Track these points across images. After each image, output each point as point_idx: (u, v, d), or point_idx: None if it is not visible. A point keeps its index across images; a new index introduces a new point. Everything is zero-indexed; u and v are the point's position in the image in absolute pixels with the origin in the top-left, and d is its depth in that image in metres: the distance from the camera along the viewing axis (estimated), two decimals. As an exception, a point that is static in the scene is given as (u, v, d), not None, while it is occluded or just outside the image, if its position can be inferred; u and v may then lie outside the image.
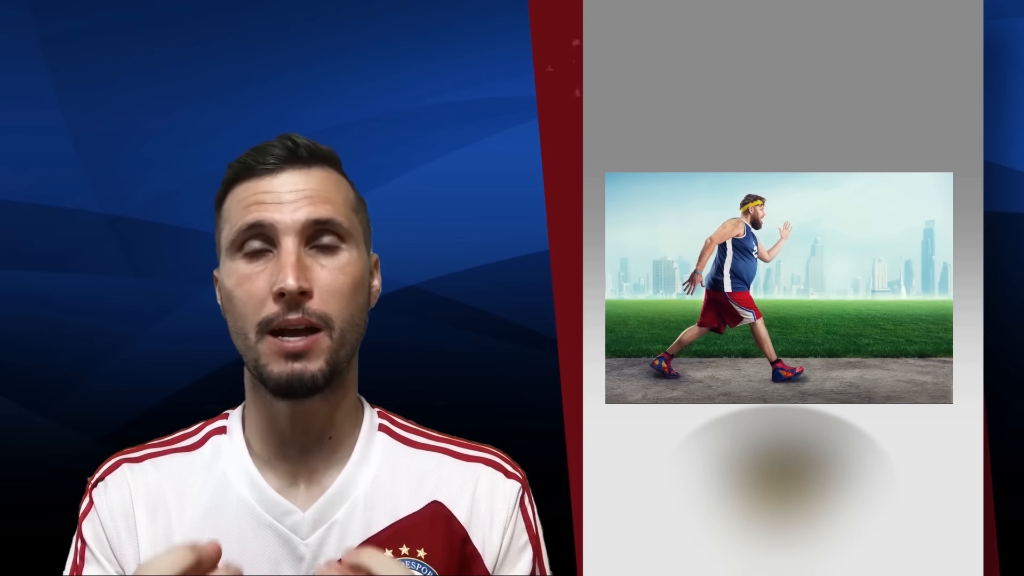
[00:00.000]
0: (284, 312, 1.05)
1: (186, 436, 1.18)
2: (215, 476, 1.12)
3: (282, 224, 1.07)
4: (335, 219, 1.10)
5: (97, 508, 1.13)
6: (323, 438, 1.12)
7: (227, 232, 1.11)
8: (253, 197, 1.09)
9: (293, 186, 1.09)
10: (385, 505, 1.12)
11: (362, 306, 1.12)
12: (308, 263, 1.07)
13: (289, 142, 1.11)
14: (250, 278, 1.08)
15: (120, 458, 1.16)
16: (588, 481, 1.45)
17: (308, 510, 1.10)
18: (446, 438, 1.20)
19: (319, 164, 1.12)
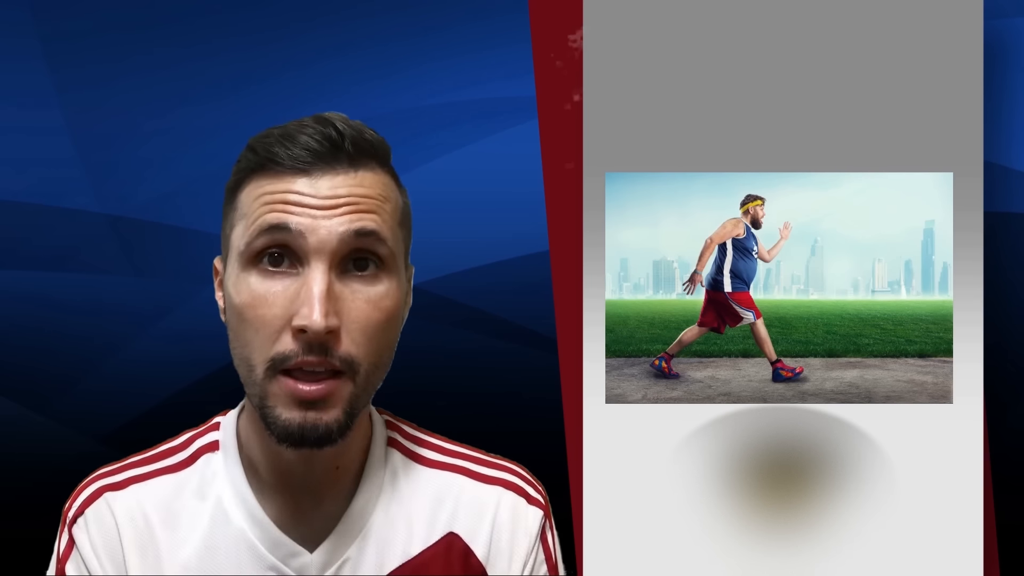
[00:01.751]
0: (303, 352, 0.88)
1: (172, 452, 1.01)
2: (209, 506, 0.97)
3: (313, 238, 0.87)
4: (380, 233, 0.90)
5: (80, 549, 0.96)
6: (329, 469, 0.97)
7: (241, 232, 0.91)
8: (280, 196, 0.89)
9: (332, 192, 0.88)
10: (398, 538, 0.99)
11: (393, 343, 0.95)
12: (338, 291, 0.88)
13: (333, 131, 0.89)
14: (266, 300, 0.88)
15: (99, 485, 0.99)
16: (588, 481, 1.45)
17: (316, 551, 0.96)
18: (462, 452, 1.06)
19: (368, 163, 0.91)
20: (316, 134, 0.89)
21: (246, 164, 0.93)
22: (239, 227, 0.92)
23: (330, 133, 0.89)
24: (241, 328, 0.90)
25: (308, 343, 0.87)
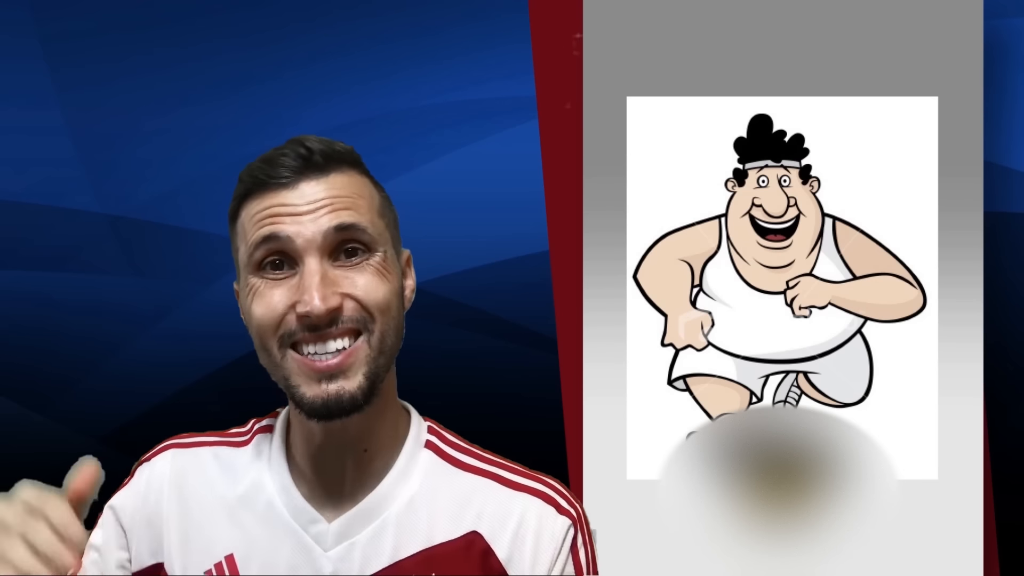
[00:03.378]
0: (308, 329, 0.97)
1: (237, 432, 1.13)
2: (251, 473, 1.07)
3: (301, 238, 0.99)
4: (359, 224, 1.01)
5: (135, 481, 1.09)
6: (358, 450, 1.04)
7: (244, 249, 1.02)
8: (268, 211, 1.00)
9: (311, 196, 1.00)
10: (418, 528, 1.03)
11: (398, 313, 1.03)
12: (334, 276, 0.99)
13: (302, 148, 1.02)
14: (268, 291, 0.99)
15: (170, 443, 1.12)
16: (588, 481, 1.45)
17: (334, 523, 1.03)
18: (500, 462, 1.09)
19: (337, 167, 1.03)
20: (290, 154, 1.02)
21: (239, 192, 1.05)
22: (242, 247, 1.03)
23: (301, 151, 1.02)
24: (252, 321, 1.01)
25: (315, 326, 0.97)
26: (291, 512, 1.04)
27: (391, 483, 1.05)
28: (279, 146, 1.04)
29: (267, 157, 1.03)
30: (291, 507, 1.04)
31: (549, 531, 1.04)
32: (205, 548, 1.05)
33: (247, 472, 1.08)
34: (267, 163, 1.02)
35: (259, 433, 1.11)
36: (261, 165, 1.02)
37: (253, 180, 1.02)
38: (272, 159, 1.02)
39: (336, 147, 1.05)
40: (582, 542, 1.07)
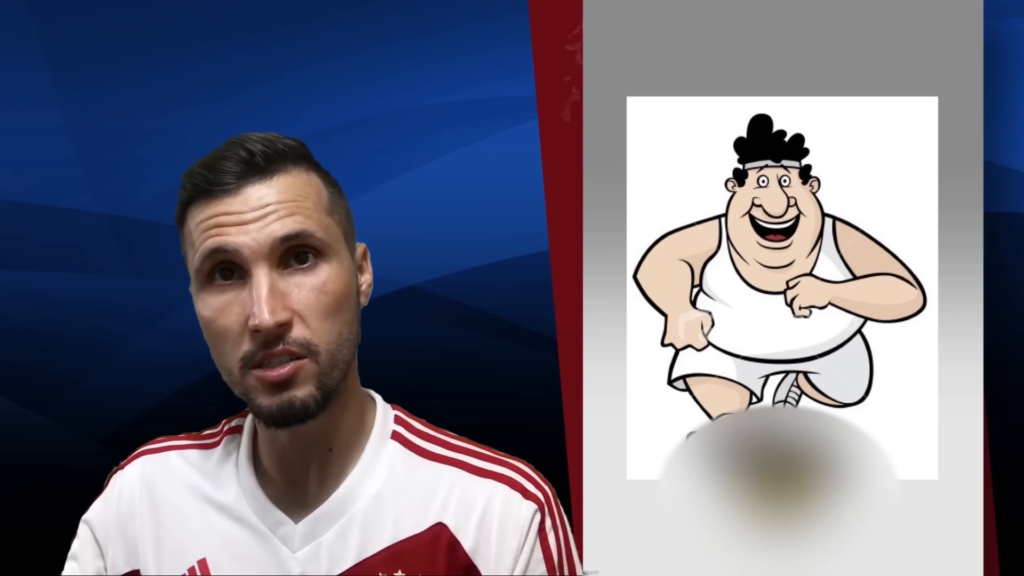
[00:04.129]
0: (262, 347, 0.97)
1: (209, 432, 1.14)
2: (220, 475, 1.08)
3: (248, 248, 0.97)
4: (307, 230, 0.99)
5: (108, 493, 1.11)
6: (323, 450, 1.04)
7: (192, 258, 1.02)
8: (213, 220, 0.99)
9: (256, 202, 0.98)
10: (384, 524, 1.03)
11: (350, 320, 1.02)
12: (283, 288, 0.98)
13: (243, 151, 1.00)
14: (224, 312, 0.99)
15: (142, 449, 1.14)
16: (588, 481, 1.45)
17: (299, 523, 1.03)
18: (468, 448, 1.09)
19: (281, 168, 1.01)
20: (232, 157, 1.00)
21: (182, 197, 1.04)
22: (190, 255, 1.04)
23: (242, 153, 1.00)
24: (212, 341, 1.01)
25: (265, 340, 0.97)
26: (258, 514, 1.05)
27: (355, 480, 1.05)
28: (220, 147, 1.02)
29: (207, 162, 1.02)
30: (258, 509, 1.05)
31: (514, 518, 1.03)
32: (178, 552, 1.06)
33: (216, 475, 1.08)
34: (208, 169, 1.01)
35: (229, 434, 1.11)
36: (202, 171, 1.01)
37: (195, 187, 1.01)
38: (213, 164, 1.01)
39: (279, 145, 1.02)
40: (551, 525, 1.05)
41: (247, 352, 0.98)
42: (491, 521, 1.03)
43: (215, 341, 1.00)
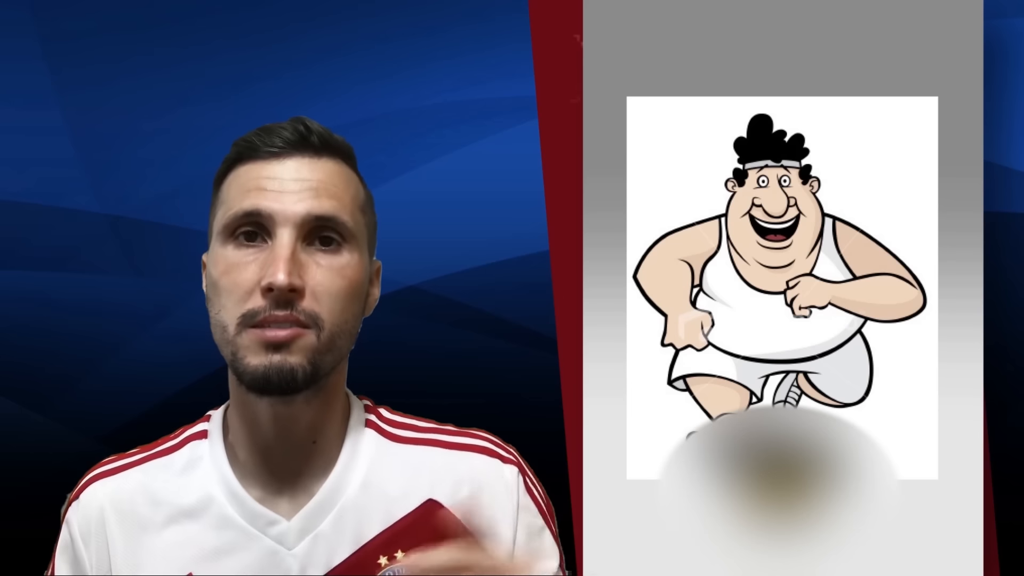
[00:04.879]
0: (271, 307, 0.97)
1: (164, 442, 1.10)
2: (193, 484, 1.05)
3: (280, 214, 0.99)
4: (339, 217, 1.01)
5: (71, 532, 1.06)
6: (306, 442, 1.04)
7: (221, 215, 1.02)
8: (254, 182, 1.01)
9: (298, 174, 1.01)
10: (376, 510, 1.04)
11: (356, 314, 1.04)
12: (303, 260, 0.99)
13: (301, 126, 1.04)
14: (238, 267, 0.99)
15: (93, 474, 1.09)
16: (588, 481, 1.45)
17: (293, 519, 1.02)
18: (435, 427, 1.12)
19: (330, 155, 1.04)
20: (289, 128, 1.04)
21: (230, 156, 1.05)
22: (219, 211, 1.03)
23: (300, 128, 1.04)
24: (216, 295, 1.01)
25: (275, 300, 0.97)
26: (247, 518, 1.03)
27: (343, 469, 1.05)
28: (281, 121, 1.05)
29: (265, 127, 1.04)
30: (246, 513, 1.03)
31: (502, 482, 1.08)
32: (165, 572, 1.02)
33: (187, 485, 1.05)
34: (264, 132, 1.03)
35: (192, 441, 1.08)
36: (258, 133, 1.04)
37: (247, 144, 1.03)
38: (270, 129, 1.04)
39: (336, 137, 1.06)
40: (532, 481, 1.11)
41: (251, 309, 0.98)
42: (480, 489, 1.06)
43: (220, 295, 1.00)
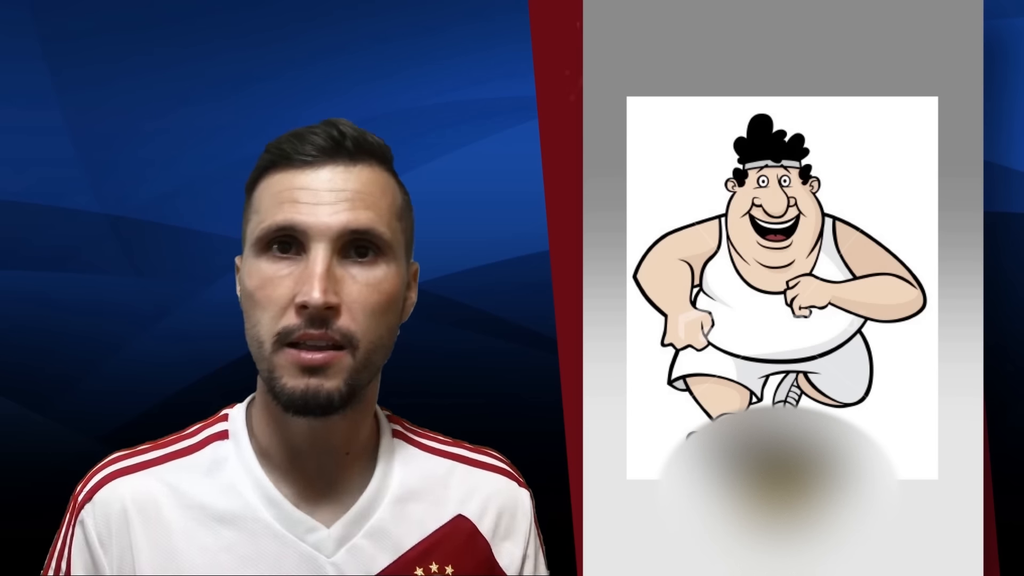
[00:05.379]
0: (305, 325, 0.95)
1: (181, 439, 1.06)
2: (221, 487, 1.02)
3: (315, 228, 0.96)
4: (376, 229, 0.98)
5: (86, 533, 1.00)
6: (340, 454, 1.04)
7: (254, 225, 1.00)
8: (288, 193, 0.97)
9: (333, 184, 0.97)
10: (412, 521, 1.05)
11: (392, 326, 1.02)
12: (339, 274, 0.97)
13: (335, 131, 1.00)
14: (273, 282, 0.97)
15: (110, 470, 1.03)
16: (588, 481, 1.45)
17: (333, 527, 1.01)
18: (452, 441, 1.14)
19: (366, 160, 1.00)
20: (322, 133, 0.99)
21: (262, 163, 1.02)
22: (253, 221, 1.01)
23: (333, 132, 0.99)
24: (252, 309, 0.99)
25: (310, 317, 0.95)
26: (285, 524, 1.01)
27: (379, 480, 1.05)
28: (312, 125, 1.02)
29: (297, 132, 1.01)
30: (284, 519, 1.01)
31: (522, 506, 1.13)
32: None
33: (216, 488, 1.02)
34: (296, 138, 1.00)
35: (214, 441, 1.05)
36: (290, 139, 1.00)
37: (279, 152, 1.00)
38: (302, 135, 1.00)
39: (369, 138, 1.02)
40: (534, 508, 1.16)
41: (287, 327, 0.96)
42: (503, 510, 1.10)
43: (255, 310, 0.98)
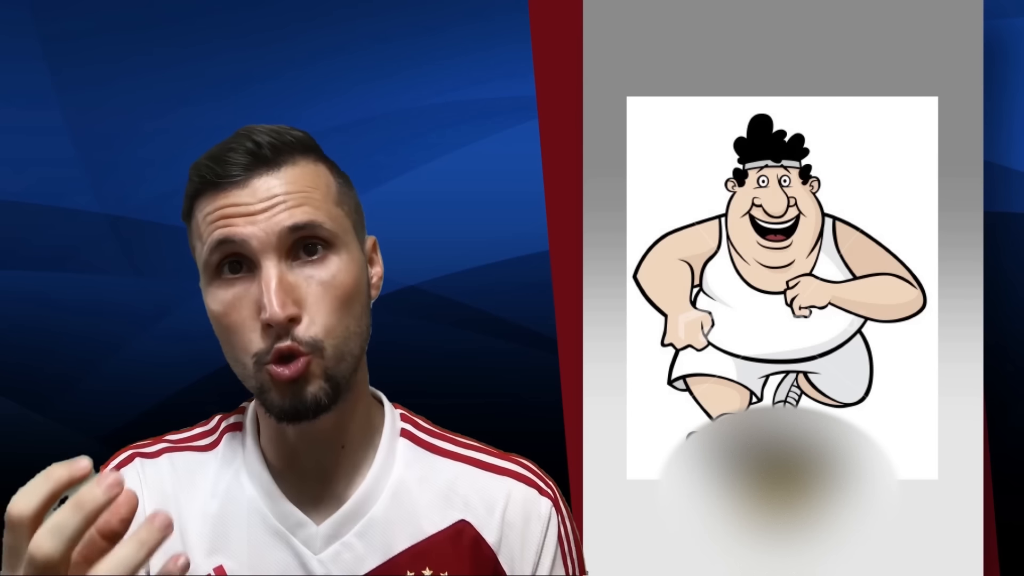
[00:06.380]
0: (274, 341, 0.95)
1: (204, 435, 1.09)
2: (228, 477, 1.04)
3: (256, 239, 0.96)
4: (315, 221, 0.98)
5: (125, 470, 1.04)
6: (335, 447, 1.03)
7: (200, 251, 1.00)
8: (220, 212, 0.98)
9: (264, 193, 0.97)
10: (406, 522, 1.03)
11: (359, 313, 1.01)
12: (293, 281, 0.97)
13: (250, 143, 0.99)
14: (234, 305, 0.97)
15: (133, 451, 1.07)
16: (588, 481, 1.45)
17: (322, 524, 1.02)
18: (474, 445, 1.10)
19: (288, 159, 1.00)
20: (239, 149, 0.99)
21: (189, 191, 1.02)
22: (198, 248, 1.01)
23: (249, 145, 0.99)
24: (223, 335, 1.00)
25: (276, 334, 0.96)
26: (278, 517, 1.02)
27: (375, 477, 1.04)
28: (227, 139, 1.01)
29: (214, 154, 1.00)
30: (277, 512, 1.02)
31: (536, 513, 1.05)
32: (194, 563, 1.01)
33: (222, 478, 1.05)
34: (215, 161, 0.99)
35: (228, 432, 1.08)
36: (209, 164, 0.99)
37: (202, 180, 1.00)
38: (220, 156, 0.99)
39: (286, 137, 1.01)
40: (565, 518, 1.08)
41: (260, 350, 0.96)
42: (514, 517, 1.04)
43: (226, 335, 0.99)
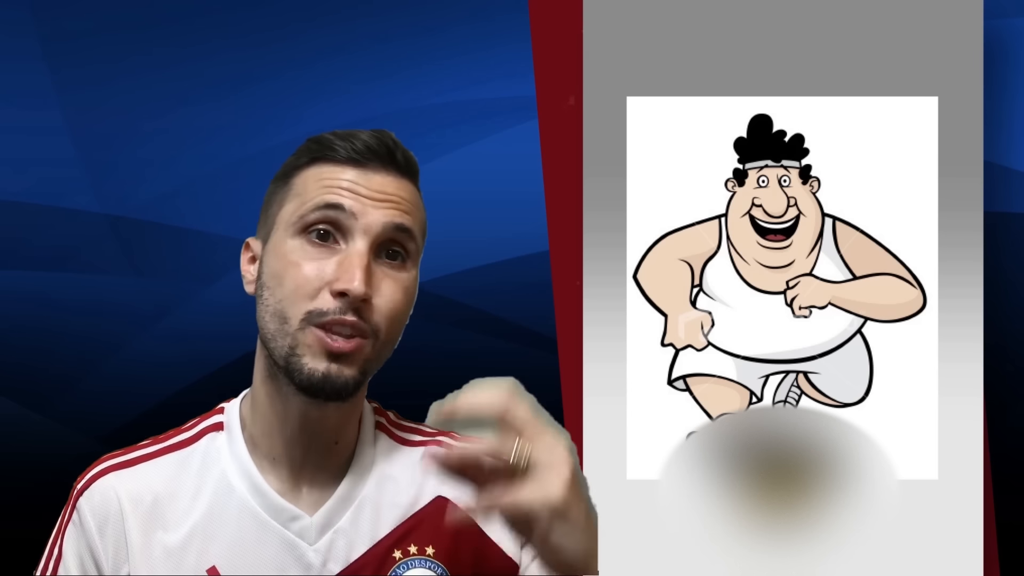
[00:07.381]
0: (340, 311, 0.99)
1: (178, 434, 1.10)
2: (213, 477, 1.05)
3: (363, 218, 1.00)
4: (412, 231, 1.04)
5: (82, 519, 1.04)
6: (330, 442, 1.07)
7: (295, 207, 1.02)
8: (337, 181, 1.01)
9: (383, 187, 1.02)
10: (390, 506, 1.08)
11: (403, 327, 1.07)
12: (375, 270, 1.01)
13: (390, 141, 1.05)
14: (307, 264, 1.00)
15: (108, 464, 1.08)
16: (588, 481, 1.45)
17: (315, 515, 1.05)
18: (438, 431, 1.15)
19: (409, 176, 1.06)
20: (374, 140, 1.04)
21: (306, 153, 1.05)
22: (291, 204, 1.03)
23: (386, 140, 1.04)
24: (279, 287, 1.01)
25: (348, 304, 0.99)
26: (270, 512, 1.04)
27: (360, 468, 1.08)
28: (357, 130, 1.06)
29: (346, 135, 1.04)
30: (268, 507, 1.04)
31: None
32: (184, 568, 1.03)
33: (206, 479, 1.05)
34: (347, 136, 1.03)
35: (208, 433, 1.09)
36: (340, 141, 1.03)
37: (328, 146, 1.03)
38: (353, 134, 1.04)
39: (412, 158, 1.07)
40: None
41: (320, 308, 0.99)
42: None
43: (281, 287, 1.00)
